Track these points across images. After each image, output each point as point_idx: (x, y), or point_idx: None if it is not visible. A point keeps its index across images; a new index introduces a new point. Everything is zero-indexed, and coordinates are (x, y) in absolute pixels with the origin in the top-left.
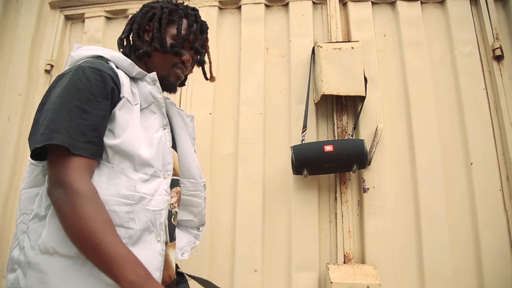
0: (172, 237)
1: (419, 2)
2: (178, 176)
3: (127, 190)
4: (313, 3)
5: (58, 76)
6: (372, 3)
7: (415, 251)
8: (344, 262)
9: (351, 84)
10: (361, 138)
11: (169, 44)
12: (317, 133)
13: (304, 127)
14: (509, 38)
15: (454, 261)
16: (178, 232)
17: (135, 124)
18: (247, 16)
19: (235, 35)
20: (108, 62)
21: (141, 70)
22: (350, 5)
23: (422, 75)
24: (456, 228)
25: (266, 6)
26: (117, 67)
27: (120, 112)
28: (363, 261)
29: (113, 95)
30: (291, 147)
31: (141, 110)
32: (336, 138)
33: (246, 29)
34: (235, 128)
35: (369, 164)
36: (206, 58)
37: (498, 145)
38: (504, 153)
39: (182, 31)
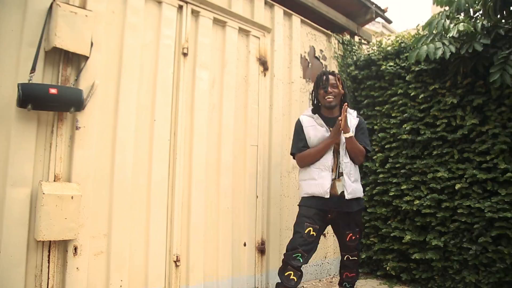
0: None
1: None
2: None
3: None
4: None
5: None
6: None
7: (108, 171)
8: (55, 181)
9: (79, 44)
10: (80, 88)
11: None
12: (43, 77)
13: (33, 69)
14: (194, 43)
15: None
16: None
17: None
18: None
19: None
20: None
21: None
22: None
23: (135, 52)
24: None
25: None
26: None
27: None
28: (69, 180)
29: None
30: (18, 84)
31: None
32: (60, 84)
33: None
34: None
35: (83, 109)
36: None
37: (173, 123)
38: (176, 117)
39: None
